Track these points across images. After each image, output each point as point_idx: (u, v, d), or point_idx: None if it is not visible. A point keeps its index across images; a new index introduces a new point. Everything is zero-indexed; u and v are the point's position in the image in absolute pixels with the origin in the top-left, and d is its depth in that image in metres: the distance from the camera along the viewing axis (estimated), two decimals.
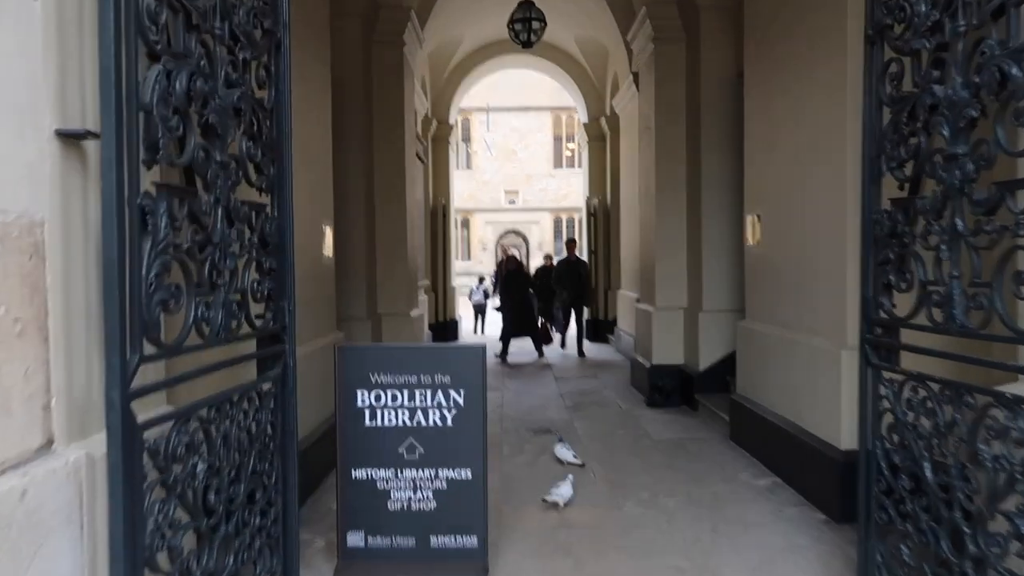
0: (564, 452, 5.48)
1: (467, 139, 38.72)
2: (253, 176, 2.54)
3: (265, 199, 2.66)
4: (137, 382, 1.79)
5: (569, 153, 38.03)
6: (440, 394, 3.32)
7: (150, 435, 1.89)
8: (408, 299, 7.95)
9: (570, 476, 4.75)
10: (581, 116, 14.45)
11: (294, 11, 4.77)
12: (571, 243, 12.57)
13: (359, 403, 3.34)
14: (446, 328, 13.47)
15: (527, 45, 8.61)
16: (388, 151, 7.76)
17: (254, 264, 2.54)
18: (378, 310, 7.76)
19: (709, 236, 7.22)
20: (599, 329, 13.59)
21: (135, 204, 1.77)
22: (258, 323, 2.58)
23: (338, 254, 6.88)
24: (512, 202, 38.68)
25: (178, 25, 2.00)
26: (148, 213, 1.82)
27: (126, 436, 1.73)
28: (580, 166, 36.29)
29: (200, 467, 2.13)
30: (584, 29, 12.12)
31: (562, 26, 12.38)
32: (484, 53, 13.74)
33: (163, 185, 1.91)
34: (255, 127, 2.52)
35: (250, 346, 2.63)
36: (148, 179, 1.87)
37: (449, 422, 3.34)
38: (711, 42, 7.22)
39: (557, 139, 38.61)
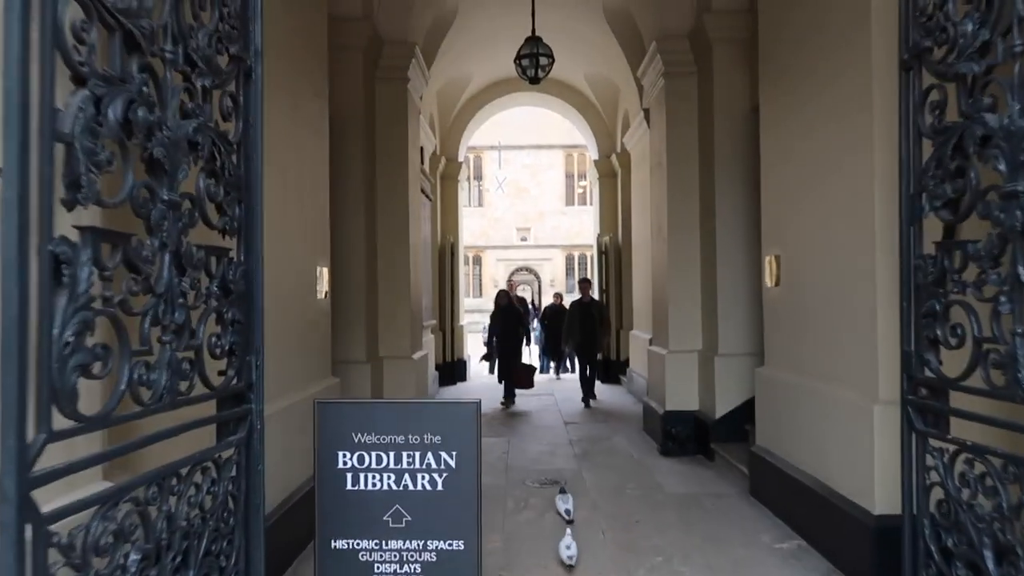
0: (560, 504, 5.26)
1: (479, 176, 38.83)
2: (214, 217, 2.26)
3: (230, 242, 2.38)
4: (44, 464, 1.50)
5: (581, 190, 37.96)
6: (430, 455, 3.00)
7: (63, 526, 1.59)
8: (411, 341, 7.65)
9: (568, 531, 4.44)
10: (592, 153, 14.27)
11: (290, 41, 4.57)
12: (585, 283, 11.61)
13: (340, 464, 3.02)
14: (454, 368, 13.14)
15: (534, 81, 8.43)
16: (391, 189, 7.54)
17: (213, 316, 2.26)
18: (379, 353, 7.46)
19: (724, 276, 6.90)
20: (611, 370, 13.20)
21: (45, 251, 1.49)
22: (220, 381, 2.29)
23: (337, 295, 6.62)
24: (524, 239, 38.56)
25: (115, 46, 1.74)
26: (64, 262, 1.54)
27: (22, 533, 1.42)
28: (592, 203, 36.28)
29: (133, 558, 1.82)
30: (594, 66, 12.00)
31: (571, 63, 12.27)
32: (493, 91, 13.65)
33: (88, 228, 1.64)
34: (217, 162, 2.26)
35: (210, 408, 2.33)
36: (69, 222, 1.60)
37: (439, 486, 3.01)
38: (724, 77, 6.99)
39: (569, 176, 38.61)
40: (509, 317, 11.10)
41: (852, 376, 4.11)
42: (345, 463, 3.01)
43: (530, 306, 15.65)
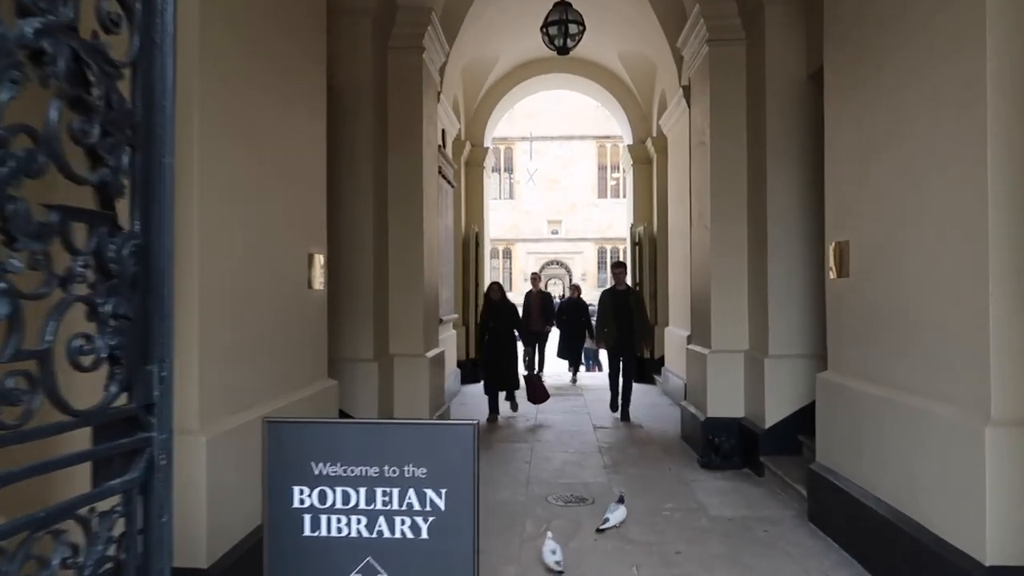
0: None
1: (509, 168, 38.19)
2: (86, 167, 1.58)
3: (113, 207, 1.69)
4: None
5: (614, 182, 37.10)
6: (412, 494, 2.30)
7: None
8: (425, 337, 6.97)
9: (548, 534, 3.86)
10: (625, 138, 13.45)
11: None
12: (619, 268, 9.36)
13: (295, 503, 2.33)
14: (477, 365, 12.46)
15: (563, 51, 7.66)
16: (403, 171, 6.86)
17: (86, 308, 1.57)
18: (390, 350, 6.79)
19: (776, 267, 6.08)
20: (644, 369, 12.38)
21: None
22: (99, 400, 1.61)
23: (339, 287, 5.98)
24: (555, 232, 37.80)
25: None
26: None
27: None
28: (624, 196, 35.24)
29: None
30: (628, 42, 11.18)
31: (604, 41, 11.48)
32: (521, 72, 12.91)
33: None
34: (92, 90, 1.57)
35: (80, 439, 1.65)
36: None
37: (424, 533, 2.30)
38: (778, 41, 6.16)
39: (601, 168, 37.74)
40: (502, 315, 9.08)
41: (952, 389, 3.30)
42: (302, 501, 2.32)
43: (556, 300, 14.39)
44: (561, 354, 13.03)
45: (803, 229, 6.04)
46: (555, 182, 37.72)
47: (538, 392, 9.09)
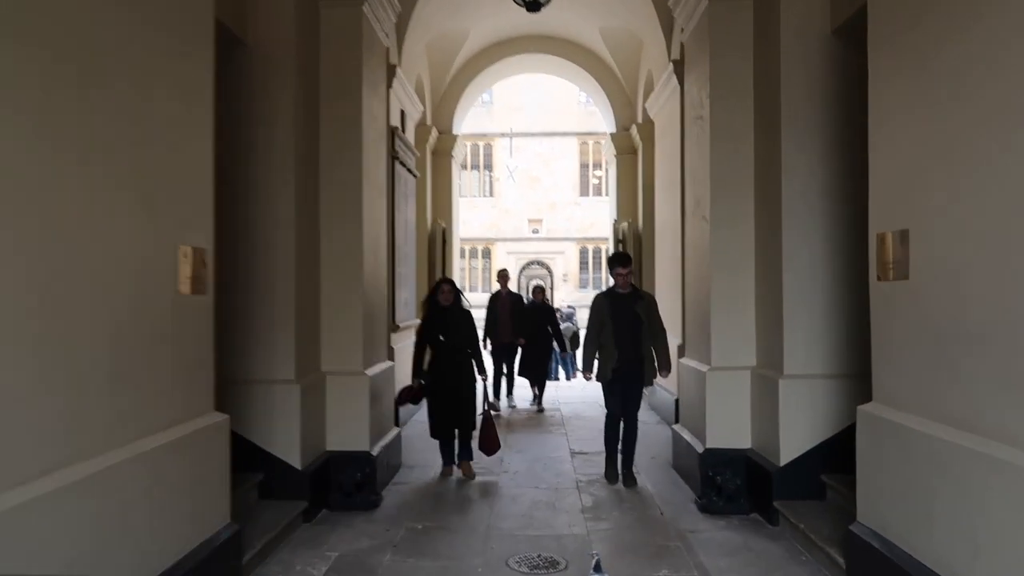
0: None
1: (488, 166, 36.97)
2: None
3: None
4: None
5: (596, 181, 36.04)
6: None
7: None
8: (367, 350, 5.74)
9: None
10: (608, 126, 12.28)
11: None
12: (620, 262, 6.14)
13: None
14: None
15: (533, 7, 6.49)
16: (339, 149, 5.62)
17: None
18: (322, 367, 5.56)
19: (794, 265, 4.92)
20: None
21: None
22: None
23: (249, 290, 4.76)
24: (535, 231, 36.62)
25: None
26: None
27: None
28: (607, 194, 34.12)
29: None
30: (611, 16, 10.01)
31: (584, 15, 10.31)
32: (494, 52, 11.70)
33: None
34: None
35: None
36: None
37: None
38: None
39: (584, 166, 36.60)
40: (455, 326, 6.27)
41: None
42: None
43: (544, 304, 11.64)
44: (522, 371, 10.22)
45: (828, 217, 4.90)
46: (536, 180, 36.54)
47: (489, 439, 6.36)
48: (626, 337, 5.90)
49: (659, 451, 7.03)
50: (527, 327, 9.93)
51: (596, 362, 6.11)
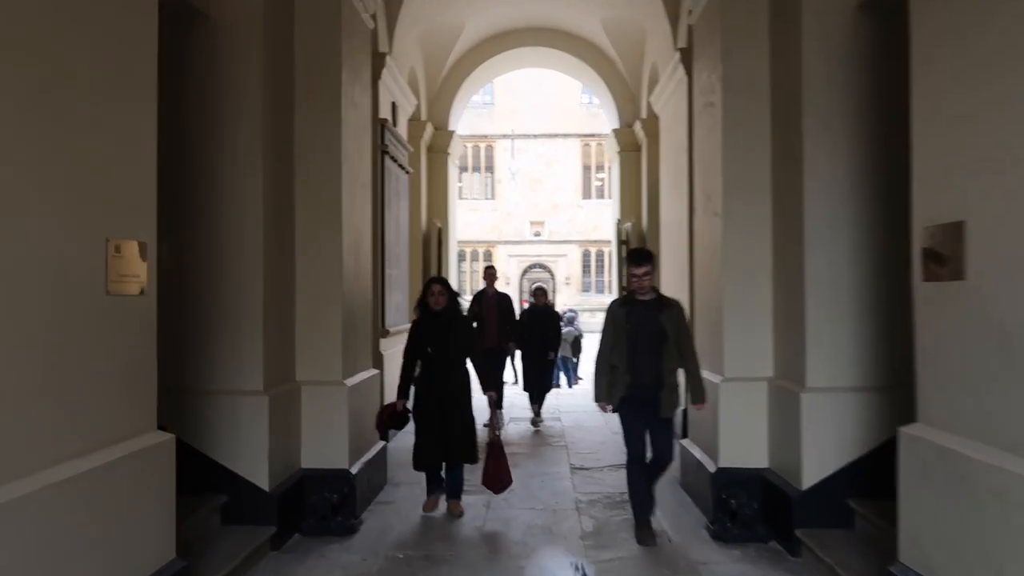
0: None
1: (490, 168, 36.53)
2: None
3: None
4: None
5: (599, 183, 35.58)
6: None
7: None
8: (347, 358, 5.24)
9: None
10: (610, 122, 11.78)
11: None
12: (640, 259, 4.74)
13: None
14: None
15: None
16: (315, 138, 5.13)
17: None
18: (296, 376, 5.07)
19: (817, 263, 4.42)
20: None
21: None
22: None
23: (213, 290, 4.29)
24: (537, 234, 36.14)
25: None
26: None
27: None
28: (610, 196, 33.56)
29: None
30: (614, 6, 9.53)
31: (585, 7, 9.85)
32: (491, 46, 11.22)
33: None
34: None
35: None
36: None
37: None
38: None
39: (586, 168, 36.15)
40: (452, 334, 5.19)
41: None
42: None
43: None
44: (525, 385, 9.15)
45: (855, 211, 4.39)
46: (538, 182, 36.09)
47: (499, 472, 5.24)
48: (646, 355, 4.56)
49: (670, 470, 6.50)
50: (523, 336, 8.89)
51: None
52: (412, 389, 5.33)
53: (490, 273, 9.14)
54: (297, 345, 5.08)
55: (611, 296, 23.96)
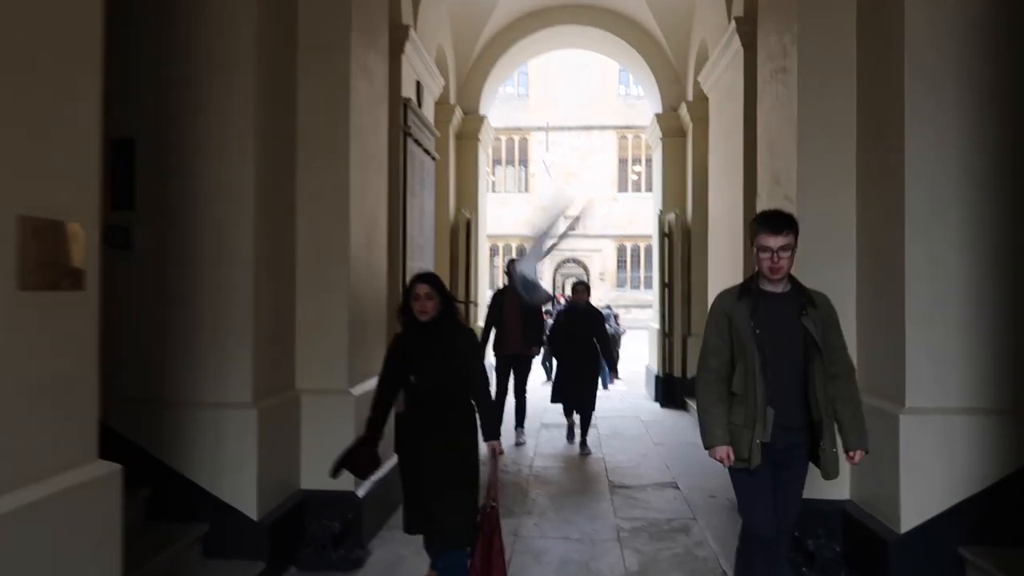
0: None
1: (524, 161, 35.79)
2: None
3: None
4: None
5: (635, 176, 34.65)
6: None
7: None
8: (353, 363, 4.56)
9: None
10: (653, 106, 10.95)
11: None
12: (771, 225, 2.96)
13: None
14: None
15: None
16: (318, 108, 4.45)
17: None
18: (296, 383, 4.41)
19: (919, 259, 3.61)
20: (671, 390, 9.96)
21: None
22: None
23: (196, 287, 3.64)
24: (572, 228, 35.27)
25: None
26: None
27: None
28: (647, 189, 32.53)
29: None
30: None
31: None
32: (525, 25, 10.49)
33: None
34: None
35: None
36: None
37: None
38: None
39: (622, 161, 35.23)
40: (444, 358, 3.43)
41: None
42: None
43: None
44: (558, 397, 7.51)
45: (967, 195, 3.57)
46: (572, 175, 35.23)
47: (489, 567, 3.27)
48: (786, 380, 2.96)
49: (719, 485, 5.71)
50: (557, 342, 7.58)
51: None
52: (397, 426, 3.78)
53: (510, 267, 7.53)
54: (297, 348, 4.41)
55: (647, 293, 23.19)
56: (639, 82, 12.01)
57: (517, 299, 7.20)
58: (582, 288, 7.73)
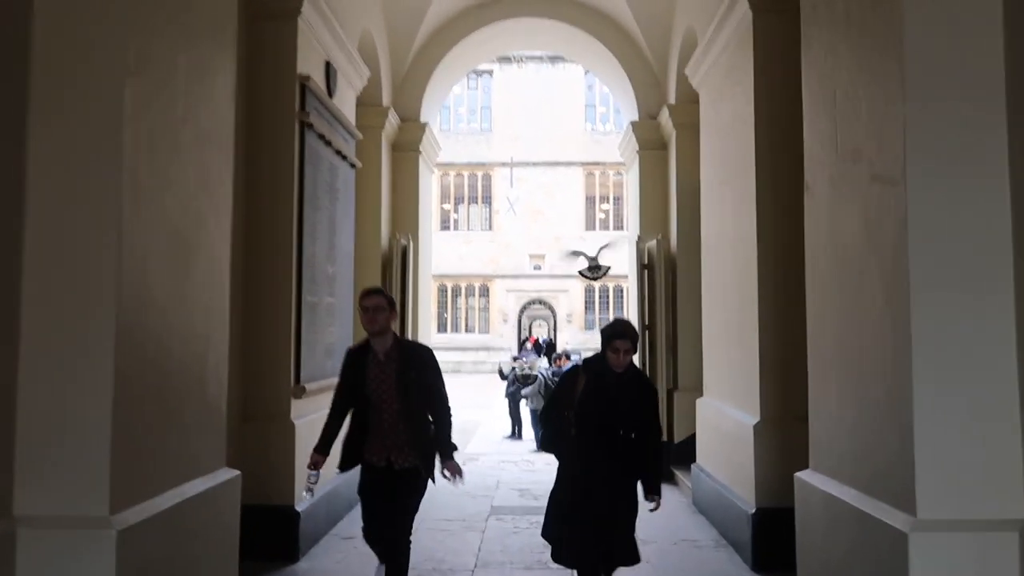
0: None
1: (488, 198, 34.18)
2: None
3: None
4: None
5: (603, 215, 33.36)
6: None
7: None
8: (134, 470, 2.57)
9: None
10: (627, 114, 9.27)
11: None
12: None
13: None
14: None
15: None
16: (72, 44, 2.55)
17: None
18: (14, 509, 2.40)
19: None
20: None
21: None
22: None
23: None
24: (537, 268, 33.66)
25: None
26: None
27: None
28: (614, 228, 31.00)
29: None
30: None
31: None
32: (475, 17, 8.73)
33: None
34: None
35: None
36: None
37: None
38: None
39: (589, 199, 33.92)
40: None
41: None
42: None
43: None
44: (554, 531, 3.83)
45: None
46: (538, 212, 33.74)
47: None
48: None
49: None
50: (592, 432, 3.68)
51: None
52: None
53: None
54: (18, 449, 2.42)
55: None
56: (610, 87, 10.27)
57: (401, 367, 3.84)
58: (623, 345, 3.58)
